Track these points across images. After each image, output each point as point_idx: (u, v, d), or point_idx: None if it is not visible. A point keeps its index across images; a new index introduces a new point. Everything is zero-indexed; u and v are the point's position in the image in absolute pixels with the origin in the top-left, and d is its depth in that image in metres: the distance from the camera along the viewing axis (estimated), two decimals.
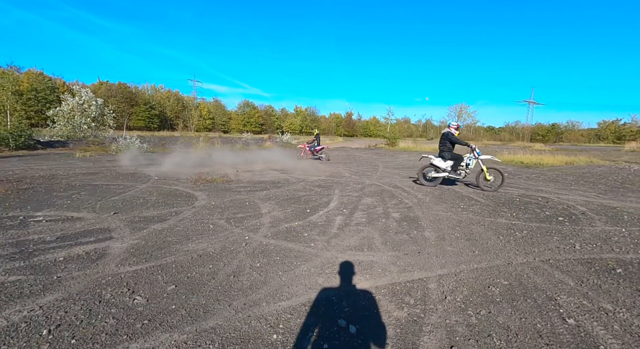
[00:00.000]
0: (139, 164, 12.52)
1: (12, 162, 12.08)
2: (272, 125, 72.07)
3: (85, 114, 24.15)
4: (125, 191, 6.82)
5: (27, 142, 17.85)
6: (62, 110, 23.46)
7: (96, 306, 2.30)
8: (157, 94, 58.56)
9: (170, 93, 60.41)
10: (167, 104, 55.99)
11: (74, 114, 23.82)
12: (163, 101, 56.22)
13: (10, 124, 18.18)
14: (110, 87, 46.51)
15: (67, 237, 3.81)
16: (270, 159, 16.98)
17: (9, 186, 6.92)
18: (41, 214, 4.77)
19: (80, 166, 11.30)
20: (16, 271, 2.85)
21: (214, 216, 4.93)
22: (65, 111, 23.48)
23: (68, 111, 23.55)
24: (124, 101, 44.77)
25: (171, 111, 56.25)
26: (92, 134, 24.09)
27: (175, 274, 2.88)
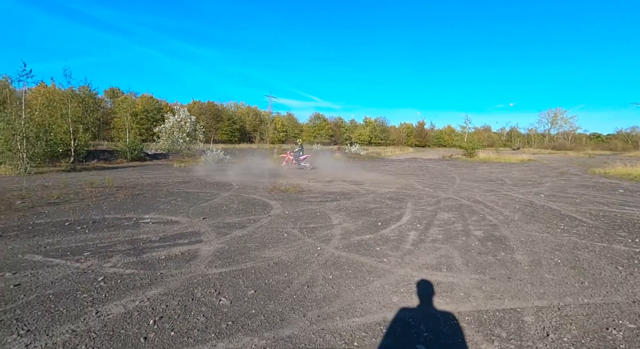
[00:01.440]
0: (222, 174, 13.91)
1: (128, 171, 14.60)
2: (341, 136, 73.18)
3: (182, 130, 27.97)
4: (212, 199, 7.61)
5: (139, 155, 21.41)
6: (165, 127, 27.62)
7: (190, 303, 2.58)
8: (239, 110, 64.89)
9: (249, 109, 66.39)
10: (246, 119, 61.65)
11: (174, 130, 27.79)
12: (243, 116, 62.07)
13: (128, 140, 22.04)
14: (202, 106, 53.36)
15: (168, 238, 4.40)
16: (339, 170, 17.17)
17: (127, 191, 8.33)
18: (148, 217, 5.61)
19: (177, 175, 13.06)
20: (131, 265, 3.38)
21: (288, 225, 5.14)
22: (167, 127, 27.58)
23: (169, 128, 27.59)
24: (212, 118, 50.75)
25: (250, 125, 61.69)
26: (186, 147, 27.74)
27: (254, 279, 3.07)
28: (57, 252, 3.72)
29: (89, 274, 3.12)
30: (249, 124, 61.96)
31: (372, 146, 64.49)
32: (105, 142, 31.18)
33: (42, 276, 3.05)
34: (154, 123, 39.90)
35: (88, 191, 8.35)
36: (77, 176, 12.27)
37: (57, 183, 9.70)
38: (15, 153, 12.81)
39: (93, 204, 6.70)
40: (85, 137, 18.35)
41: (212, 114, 53.10)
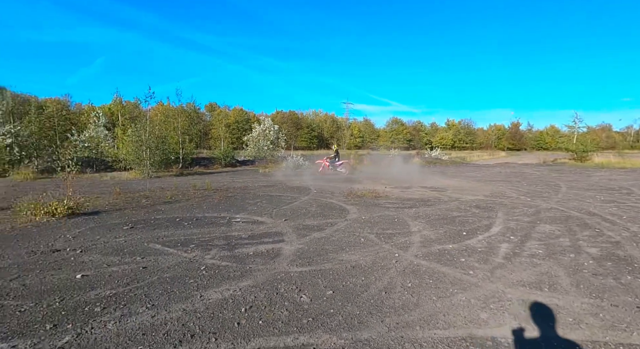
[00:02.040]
0: (301, 179, 14.66)
1: (222, 176, 16.53)
2: (421, 140, 69.79)
3: (266, 138, 30.49)
4: (293, 202, 8.09)
5: (231, 161, 24.09)
6: (252, 136, 30.49)
7: (274, 297, 2.81)
8: (317, 118, 67.64)
9: (327, 116, 68.67)
10: (324, 126, 63.88)
11: (259, 139, 30.48)
12: (321, 123, 64.51)
13: (222, 148, 25.00)
14: (283, 115, 57.40)
15: (255, 236, 4.85)
16: (418, 175, 16.38)
17: (221, 194, 9.46)
18: (239, 217, 6.28)
19: (261, 180, 14.27)
20: (225, 258, 3.84)
21: (365, 230, 5.15)
22: (254, 136, 30.41)
23: (255, 136, 30.36)
24: (292, 126, 54.13)
25: (327, 131, 63.70)
26: (269, 154, 30.10)
27: (332, 280, 3.17)
28: (171, 243, 4.46)
29: (194, 263, 3.65)
30: (326, 131, 63.98)
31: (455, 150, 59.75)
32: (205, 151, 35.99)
33: (161, 261, 3.70)
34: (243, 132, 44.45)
35: (192, 192, 9.75)
36: (184, 179, 14.43)
37: (169, 186, 11.59)
38: (142, 161, 15.78)
39: (196, 204, 7.80)
40: (190, 147, 21.51)
41: (293, 123, 56.52)
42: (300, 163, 21.97)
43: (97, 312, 2.51)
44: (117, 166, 18.26)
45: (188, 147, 20.97)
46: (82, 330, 2.25)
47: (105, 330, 2.26)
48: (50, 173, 15.90)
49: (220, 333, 2.23)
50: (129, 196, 8.79)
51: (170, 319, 2.42)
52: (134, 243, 4.42)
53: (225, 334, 2.23)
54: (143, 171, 15.73)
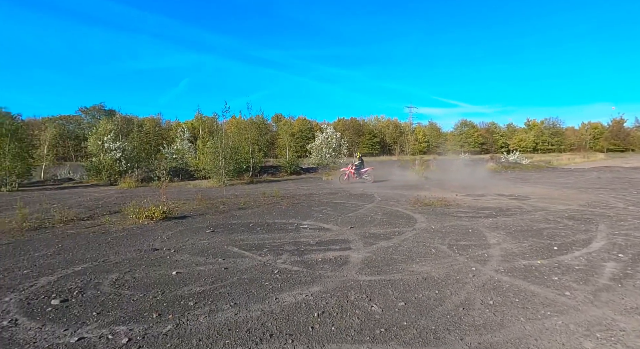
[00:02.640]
0: (365, 186, 14.55)
1: (288, 183, 17.31)
2: (495, 143, 63.66)
3: (328, 146, 31.09)
4: (357, 209, 8.08)
5: (295, 169, 25.10)
6: (315, 144, 31.40)
7: (345, 304, 2.84)
8: (379, 124, 66.66)
9: (389, 122, 67.19)
10: (386, 132, 62.61)
11: (322, 147, 31.23)
12: (383, 129, 63.36)
13: (288, 157, 26.22)
14: (345, 123, 57.95)
15: (322, 243, 4.97)
16: (493, 182, 14.96)
17: (288, 201, 9.92)
18: (306, 223, 6.50)
19: (325, 187, 14.56)
20: (296, 263, 4.01)
21: (435, 240, 4.88)
22: (317, 144, 31.28)
23: (318, 145, 31.18)
24: (354, 133, 54.27)
25: (390, 137, 62.26)
26: (332, 161, 30.58)
27: (403, 291, 3.07)
28: (246, 246, 4.83)
29: (267, 266, 3.90)
30: (388, 137, 62.60)
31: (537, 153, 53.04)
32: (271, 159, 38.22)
33: (239, 263, 4.03)
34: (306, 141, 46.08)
35: (262, 199, 10.41)
36: (254, 187, 15.50)
37: (242, 193, 12.56)
38: (218, 170, 17.43)
39: (266, 210, 8.31)
40: (259, 156, 23.01)
41: (354, 130, 56.65)
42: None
43: (190, 306, 2.84)
44: (197, 175, 20.50)
45: (257, 157, 22.46)
46: (180, 321, 2.57)
47: (198, 323, 2.54)
48: (147, 182, 18.57)
49: (296, 336, 2.34)
50: (208, 202, 9.75)
51: (251, 318, 2.62)
52: (216, 246, 4.89)
53: (301, 337, 2.32)
54: (219, 179, 17.36)
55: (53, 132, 24.53)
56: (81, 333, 2.40)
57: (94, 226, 6.50)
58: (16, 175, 15.57)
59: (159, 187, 17.17)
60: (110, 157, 18.56)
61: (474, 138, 61.67)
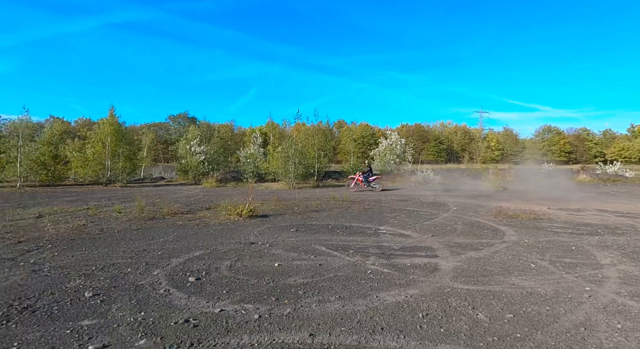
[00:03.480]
0: (435, 194, 14.01)
1: None
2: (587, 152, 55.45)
3: (392, 152, 30.54)
4: (433, 218, 7.88)
5: None
6: (379, 150, 31.12)
7: (448, 309, 2.88)
8: (445, 130, 63.07)
9: (457, 128, 63.13)
10: (454, 138, 58.89)
11: (386, 153, 30.80)
12: (450, 135, 59.72)
13: (352, 162, 26.47)
14: (409, 128, 56.11)
15: (406, 248, 5.01)
16: (589, 196, 13.15)
17: (359, 206, 10.09)
18: (383, 229, 6.59)
19: (393, 194, 14.38)
20: (385, 266, 4.14)
21: (532, 256, 4.57)
22: (380, 150, 30.97)
23: (382, 151, 30.84)
24: (418, 139, 52.20)
25: (457, 144, 58.41)
26: (396, 168, 29.94)
27: (508, 304, 2.99)
28: (332, 246, 5.12)
29: (359, 266, 4.10)
30: (456, 144, 58.84)
31: None
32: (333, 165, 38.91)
33: (330, 261, 4.31)
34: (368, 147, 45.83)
35: (333, 203, 10.76)
36: (321, 191, 16.01)
37: (312, 196, 13.12)
38: (288, 173, 18.44)
39: (339, 213, 8.59)
40: (324, 161, 23.68)
41: (419, 136, 54.53)
42: (431, 178, 21.01)
43: (300, 294, 3.18)
44: (267, 178, 21.94)
45: (323, 162, 23.14)
46: (296, 306, 2.91)
47: (312, 310, 2.85)
48: (225, 182, 20.49)
49: (406, 332, 2.48)
50: (283, 204, 10.42)
51: (358, 311, 2.83)
52: (303, 244, 5.28)
53: (411, 333, 2.46)
54: (288, 183, 18.34)
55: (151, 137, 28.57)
56: (220, 306, 2.88)
57: (194, 219, 7.48)
58: (126, 173, 18.54)
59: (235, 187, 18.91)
60: (195, 159, 20.94)
61: (560, 146, 54.37)
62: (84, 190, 15.57)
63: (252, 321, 2.62)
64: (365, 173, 16.20)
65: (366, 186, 16.05)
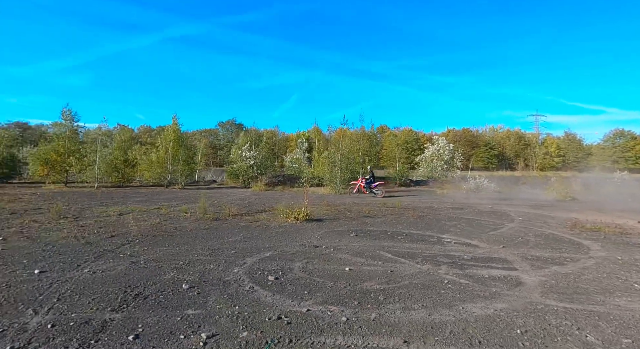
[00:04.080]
0: (493, 203, 13.17)
1: (402, 195, 17.06)
2: None
3: (440, 158, 29.34)
4: (499, 228, 7.41)
5: (405, 181, 24.56)
6: (425, 156, 30.09)
7: (549, 328, 2.67)
8: (496, 135, 59.18)
9: (509, 132, 58.95)
10: (506, 144, 54.96)
11: (432, 159, 29.68)
12: (502, 140, 55.84)
13: (397, 168, 25.91)
14: (456, 133, 53.51)
15: (478, 259, 4.76)
16: None
17: (412, 213, 9.81)
18: (446, 237, 6.33)
19: (444, 201, 13.78)
20: (461, 276, 3.97)
21: (633, 275, 4.09)
22: (427, 156, 29.92)
23: (429, 156, 29.77)
24: (467, 144, 49.53)
25: (510, 149, 54.38)
26: (443, 174, 28.69)
27: (620, 327, 2.70)
28: (398, 253, 5.03)
29: (432, 275, 3.98)
30: (509, 149, 54.86)
31: None
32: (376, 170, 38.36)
33: (401, 268, 4.24)
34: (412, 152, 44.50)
35: (384, 209, 10.59)
36: (368, 197, 15.83)
37: (360, 201, 13.03)
38: (334, 179, 18.54)
39: (394, 220, 8.42)
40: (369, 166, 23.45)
41: (467, 141, 51.78)
42: (485, 185, 19.79)
43: (381, 300, 3.16)
44: (312, 182, 22.27)
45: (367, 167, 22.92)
46: (381, 312, 2.90)
47: (397, 316, 2.82)
48: (272, 186, 21.17)
49: (508, 348, 2.35)
50: (334, 208, 10.48)
51: (447, 321, 2.74)
52: (367, 249, 5.25)
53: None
54: (334, 188, 18.43)
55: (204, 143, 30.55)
56: (305, 306, 2.97)
57: (254, 221, 7.81)
58: (184, 176, 19.99)
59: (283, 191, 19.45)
60: (245, 164, 21.94)
61: (636, 152, 48.14)
62: (149, 191, 17.05)
63: (341, 323, 2.66)
64: (367, 179, 16.34)
65: (368, 192, 16.10)
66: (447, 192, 19.09)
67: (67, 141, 18.87)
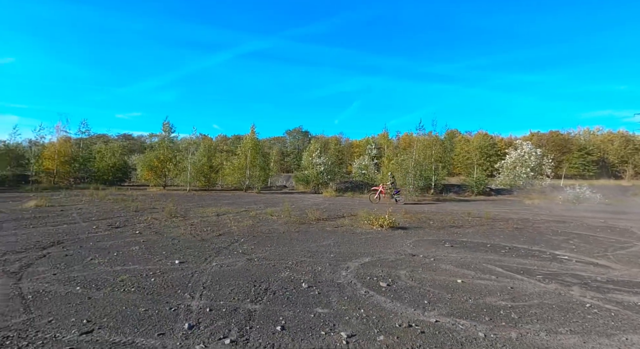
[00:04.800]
0: (604, 217, 11.27)
1: (483, 204, 15.66)
2: None
3: (525, 165, 26.31)
4: (626, 247, 6.29)
5: (484, 190, 22.57)
6: (506, 162, 27.29)
7: None
8: (594, 138, 50.93)
9: (611, 135, 50.20)
10: (608, 148, 46.86)
11: (515, 165, 26.76)
12: (603, 144, 47.78)
13: (475, 175, 23.99)
14: (541, 137, 47.50)
15: (617, 282, 4.08)
16: None
17: (505, 224, 8.92)
18: (562, 254, 5.57)
19: (538, 213, 12.22)
20: (604, 300, 3.43)
21: None
22: (508, 163, 27.11)
23: (511, 163, 26.93)
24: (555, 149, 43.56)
25: (615, 154, 46.15)
26: (528, 182, 25.61)
27: None
28: (509, 268, 4.59)
29: (565, 296, 3.52)
30: (612, 154, 46.69)
31: None
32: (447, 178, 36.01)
33: (522, 286, 3.85)
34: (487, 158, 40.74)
35: (469, 219, 9.83)
36: (446, 205, 14.90)
37: (438, 210, 12.31)
38: (407, 186, 17.92)
39: (487, 231, 7.74)
40: (443, 173, 22.17)
41: (556, 145, 45.57)
42: (587, 195, 17.09)
43: (515, 319, 2.90)
44: None
45: (441, 174, 21.70)
46: (521, 331, 2.65)
47: (542, 339, 2.54)
48: (341, 192, 21.34)
49: None
50: (415, 217, 10.07)
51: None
52: (471, 261, 4.90)
53: None
54: (406, 195, 17.79)
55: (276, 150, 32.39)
56: (432, 316, 2.87)
57: (338, 226, 7.92)
58: (261, 181, 21.40)
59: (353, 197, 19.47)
60: (315, 170, 22.58)
61: None
62: (231, 194, 18.63)
63: (480, 338, 2.50)
64: (389, 185, 16.20)
65: (389, 198, 15.90)
66: (538, 203, 16.98)
67: (166, 150, 21.74)
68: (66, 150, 21.88)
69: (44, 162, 20.91)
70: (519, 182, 25.70)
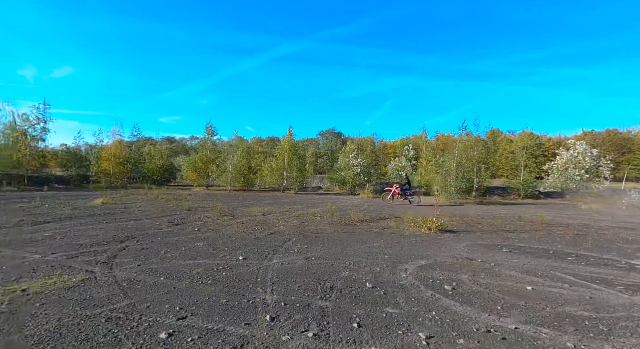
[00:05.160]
0: None
1: (532, 208, 14.67)
2: None
3: (578, 166, 24.30)
4: None
5: (532, 192, 21.17)
6: (557, 163, 25.36)
7: None
8: None
9: None
10: None
11: (567, 167, 24.80)
12: None
13: (522, 177, 22.58)
14: (596, 137, 43.55)
15: None
16: None
17: (564, 230, 8.32)
18: (638, 263, 5.10)
19: (600, 219, 11.23)
20: None
21: None
22: (559, 164, 25.18)
23: (562, 164, 25.00)
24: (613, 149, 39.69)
25: None
26: (583, 185, 23.62)
27: None
28: (581, 277, 4.28)
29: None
30: None
31: None
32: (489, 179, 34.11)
33: (602, 296, 3.58)
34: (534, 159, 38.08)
35: (520, 223, 9.29)
36: (491, 208, 14.17)
37: (484, 213, 11.74)
38: (448, 188, 17.31)
39: (545, 237, 7.27)
40: (486, 175, 21.08)
41: (614, 145, 41.58)
42: None
43: (604, 331, 2.71)
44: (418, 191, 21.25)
45: (484, 176, 20.67)
46: (615, 344, 2.48)
47: None
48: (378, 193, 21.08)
49: None
50: (461, 220, 9.70)
51: None
52: (536, 268, 4.64)
53: None
54: (448, 197, 17.17)
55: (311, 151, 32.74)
56: (509, 322, 2.77)
57: (384, 228, 7.85)
58: (298, 182, 21.76)
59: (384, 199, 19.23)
60: (352, 171, 22.52)
61: None
62: (270, 195, 19.12)
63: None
64: (403, 186, 16.09)
65: (402, 199, 15.74)
66: (596, 207, 15.61)
67: (209, 151, 22.83)
68: (120, 152, 23.74)
69: (102, 164, 22.85)
70: (572, 185, 23.79)
